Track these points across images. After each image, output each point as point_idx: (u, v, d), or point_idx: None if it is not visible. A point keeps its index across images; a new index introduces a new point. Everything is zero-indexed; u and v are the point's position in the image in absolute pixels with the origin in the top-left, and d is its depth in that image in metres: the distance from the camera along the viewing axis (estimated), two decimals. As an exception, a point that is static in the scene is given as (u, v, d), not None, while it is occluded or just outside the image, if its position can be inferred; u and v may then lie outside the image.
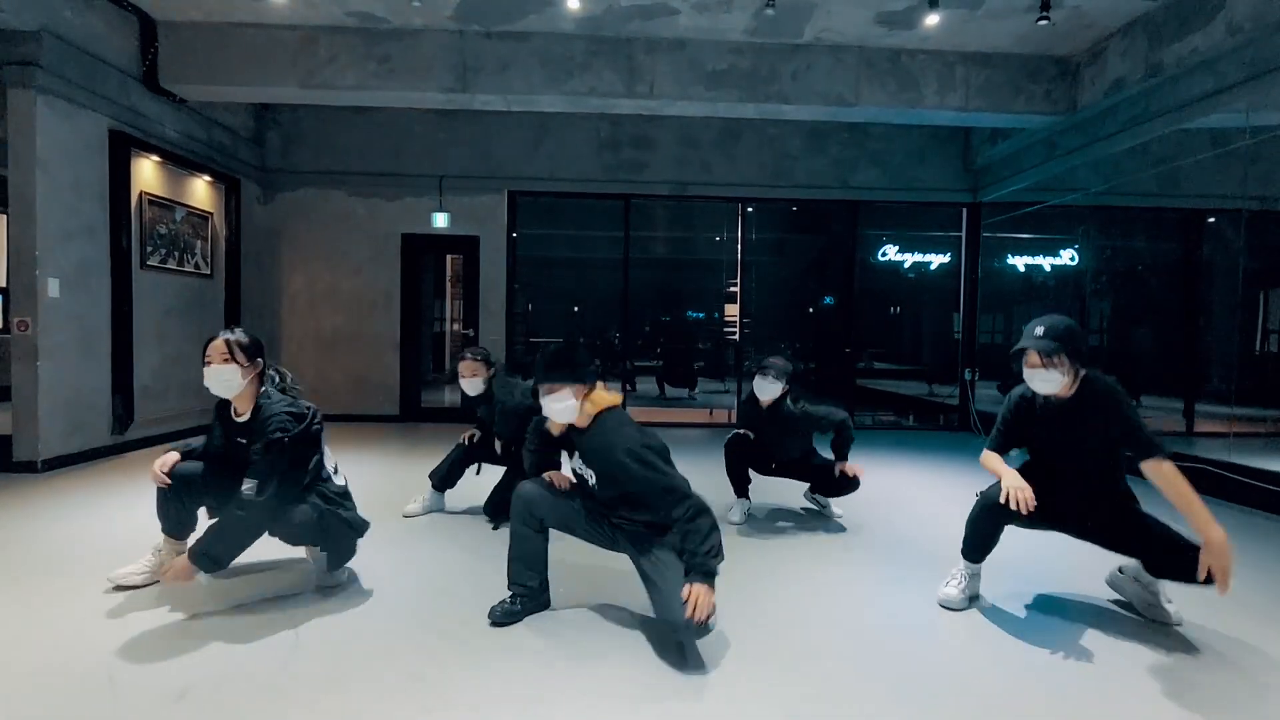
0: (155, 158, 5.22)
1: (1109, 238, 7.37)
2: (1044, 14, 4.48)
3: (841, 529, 3.44)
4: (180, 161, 5.51)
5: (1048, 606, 2.48)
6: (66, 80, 4.35)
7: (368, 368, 6.88)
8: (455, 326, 7.63)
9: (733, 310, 7.65)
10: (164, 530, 2.46)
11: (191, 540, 2.30)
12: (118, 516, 3.37)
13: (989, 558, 2.44)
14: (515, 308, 7.18)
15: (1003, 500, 2.19)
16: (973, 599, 2.46)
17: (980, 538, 2.39)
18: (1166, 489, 2.08)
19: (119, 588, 2.42)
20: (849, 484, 3.39)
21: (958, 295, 7.39)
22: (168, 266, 5.41)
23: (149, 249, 5.19)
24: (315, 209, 6.82)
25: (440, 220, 6.77)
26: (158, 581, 2.45)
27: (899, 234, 7.90)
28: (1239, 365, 7.65)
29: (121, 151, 4.81)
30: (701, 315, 12.05)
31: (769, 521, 3.52)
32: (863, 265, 7.45)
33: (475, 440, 3.53)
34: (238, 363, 2.24)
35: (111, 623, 2.17)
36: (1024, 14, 4.73)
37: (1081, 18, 4.75)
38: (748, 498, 3.55)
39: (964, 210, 7.27)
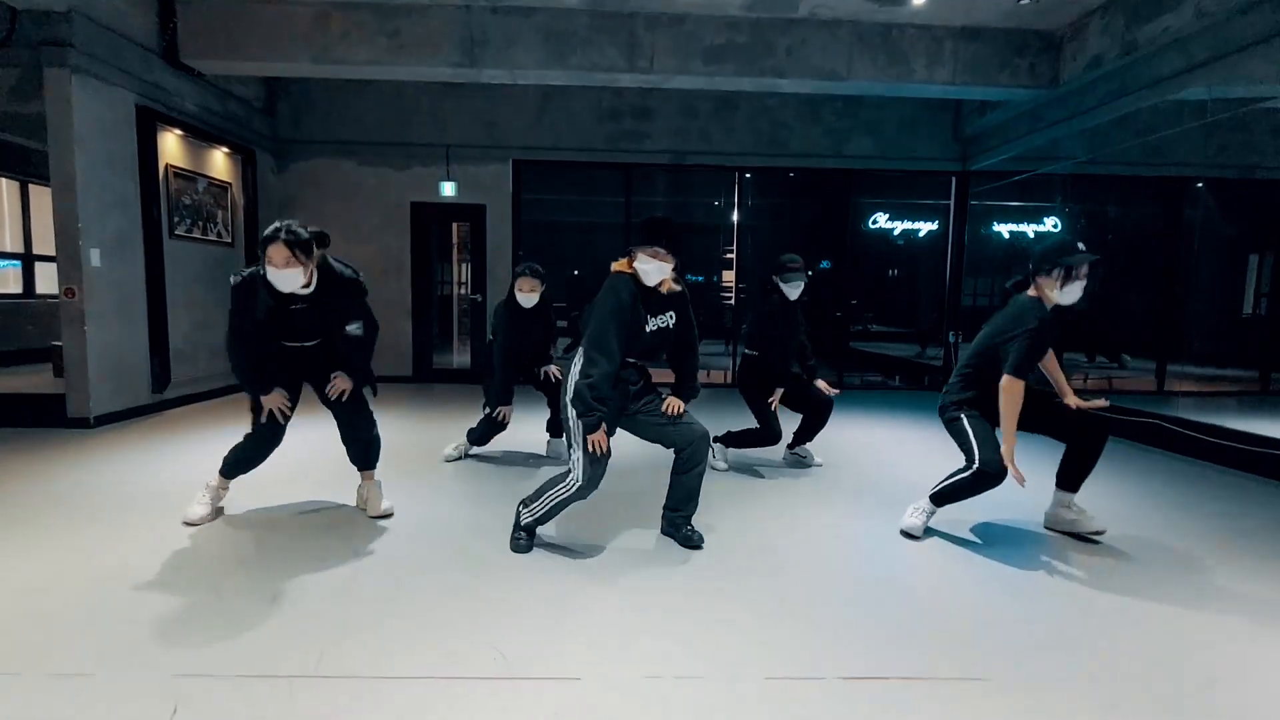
0: (178, 131, 5.47)
1: (1097, 205, 7.64)
2: (1027, -7, 4.70)
3: (820, 470, 3.90)
4: (200, 134, 5.75)
5: (988, 532, 2.91)
6: (96, 58, 4.59)
7: (382, 332, 7.19)
8: (462, 291, 7.95)
9: (729, 276, 7.96)
10: (226, 471, 2.87)
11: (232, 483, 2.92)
12: (165, 467, 3.79)
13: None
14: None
15: (1010, 476, 2.57)
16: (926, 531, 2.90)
17: (959, 499, 2.78)
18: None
19: (189, 523, 2.81)
20: (825, 407, 3.87)
21: (944, 254, 7.71)
22: (193, 236, 5.71)
23: (175, 219, 5.48)
24: (326, 178, 7.07)
25: (448, 189, 7.02)
26: (220, 514, 2.92)
27: (890, 202, 8.17)
28: (1223, 329, 8.04)
29: (148, 126, 5.07)
30: (701, 279, 12.39)
31: (752, 468, 3.94)
32: (856, 231, 7.74)
33: (506, 422, 3.91)
34: (300, 263, 2.54)
35: (197, 547, 2.58)
36: (1009, -8, 4.94)
37: (1064, -5, 4.97)
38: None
39: (953, 178, 7.53)
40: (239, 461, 2.86)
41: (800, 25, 5.51)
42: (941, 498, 2.80)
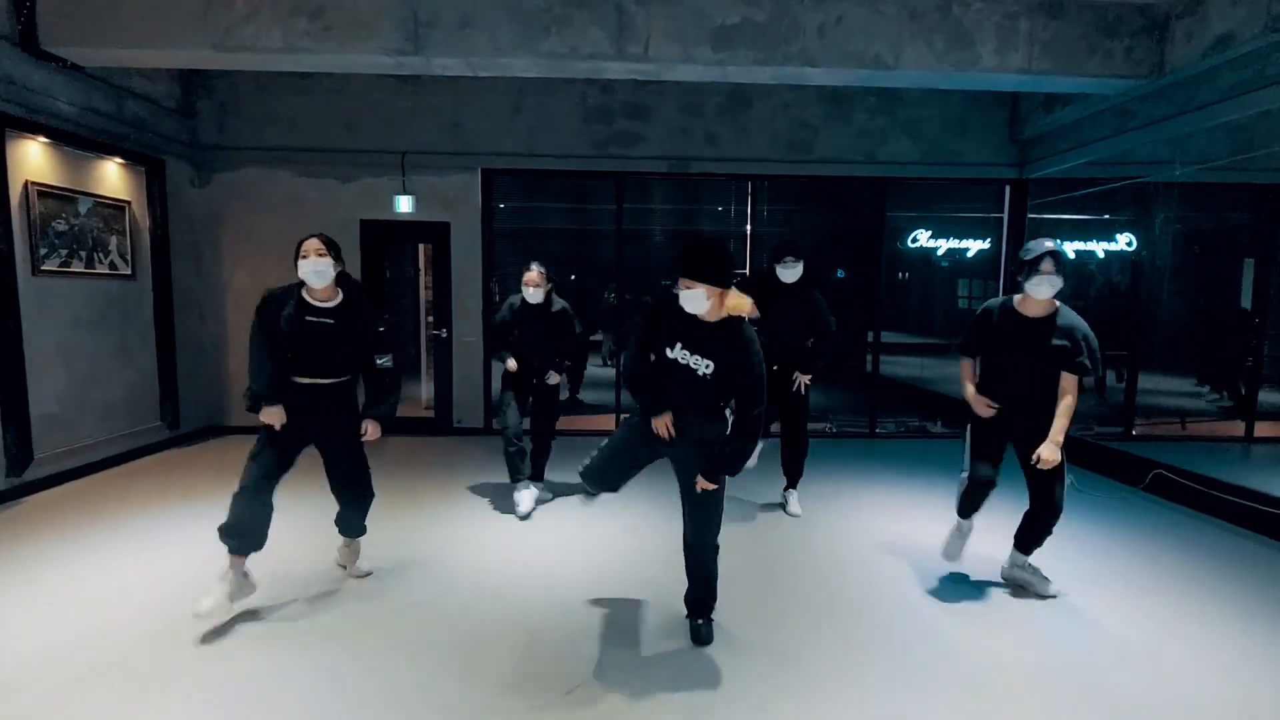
0: (43, 139, 4.30)
1: (1186, 218, 6.38)
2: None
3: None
4: (81, 142, 4.58)
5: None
6: (-99, 44, 3.43)
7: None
8: (430, 319, 6.78)
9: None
10: (231, 546, 2.62)
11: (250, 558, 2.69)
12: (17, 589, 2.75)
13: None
14: (492, 305, 6.32)
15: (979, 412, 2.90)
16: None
17: (968, 506, 2.95)
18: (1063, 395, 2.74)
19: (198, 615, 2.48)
20: (798, 410, 3.89)
21: (997, 279, 6.52)
22: (71, 270, 4.54)
23: (43, 251, 4.31)
24: (259, 192, 5.89)
25: (404, 204, 5.85)
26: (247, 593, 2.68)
27: (924, 215, 7.00)
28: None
29: (-8, 133, 3.91)
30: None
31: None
32: (873, 242, 6.54)
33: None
34: (332, 257, 2.64)
35: None
36: (1115, -50, 3.75)
37: (1187, -45, 3.78)
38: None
39: (1007, 187, 6.34)
40: (233, 529, 2.62)
41: (836, 0, 4.33)
42: (962, 508, 2.98)
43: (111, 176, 4.91)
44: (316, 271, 2.61)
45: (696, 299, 2.23)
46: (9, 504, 4.04)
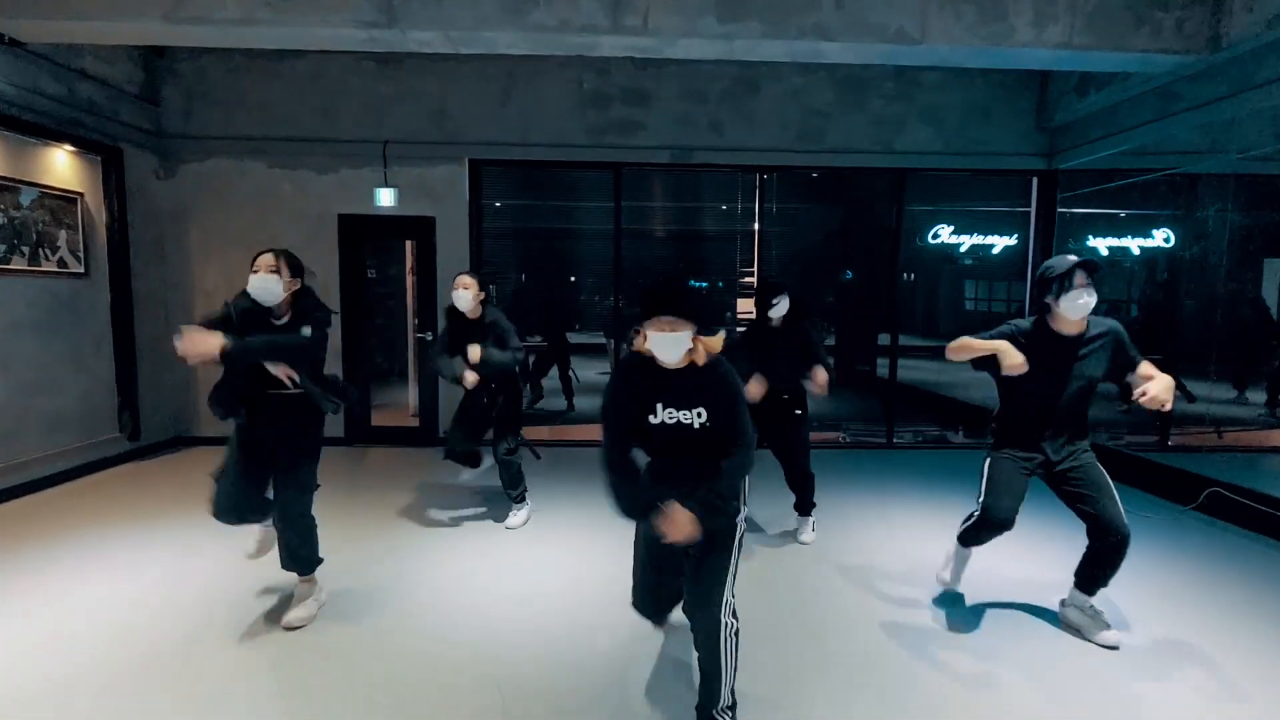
0: (-24, 122, 3.89)
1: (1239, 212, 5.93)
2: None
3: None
4: (23, 127, 4.16)
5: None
6: None
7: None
8: (415, 321, 6.35)
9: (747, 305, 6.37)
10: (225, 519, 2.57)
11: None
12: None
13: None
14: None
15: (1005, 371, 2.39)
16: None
17: (973, 540, 2.68)
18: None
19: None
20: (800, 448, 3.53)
21: (1023, 278, 6.09)
22: (11, 267, 4.12)
23: (-23, 246, 3.90)
24: (229, 184, 5.47)
25: (385, 198, 5.43)
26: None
27: (945, 209, 6.56)
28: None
29: (-88, 114, 3.49)
30: (705, 285, 11.32)
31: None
32: (889, 238, 6.11)
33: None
34: (279, 274, 2.47)
35: None
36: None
37: (1255, -91, 3.35)
38: None
39: (1034, 179, 5.90)
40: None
41: (855, -35, 3.90)
42: (964, 538, 2.73)
43: (60, 166, 4.50)
44: (263, 288, 2.47)
45: (680, 342, 1.83)
46: (-66, 527, 3.62)
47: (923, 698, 2.21)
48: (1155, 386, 2.27)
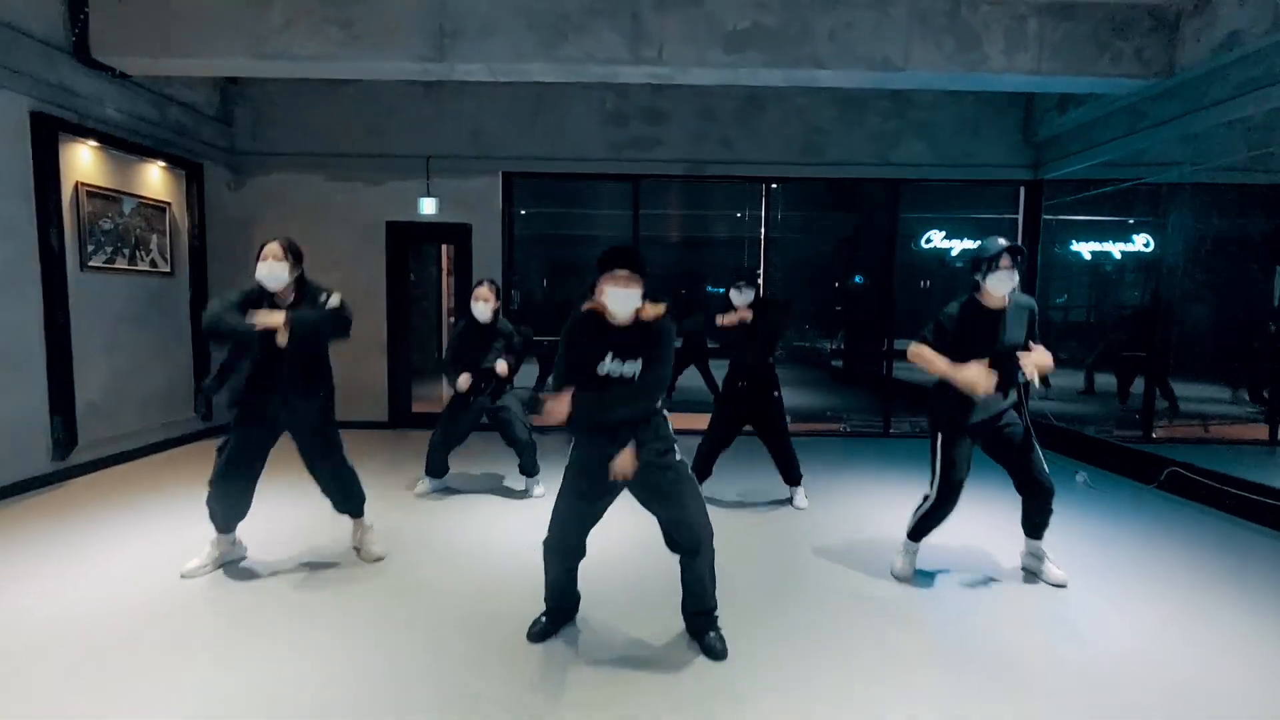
0: (93, 143, 4.57)
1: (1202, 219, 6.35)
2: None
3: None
4: (127, 146, 4.85)
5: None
6: (-32, 54, 3.70)
7: (351, 370, 6.24)
8: (451, 319, 6.97)
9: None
10: (221, 525, 2.90)
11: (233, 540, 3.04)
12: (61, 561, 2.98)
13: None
14: (511, 303, 6.49)
15: (977, 391, 2.69)
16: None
17: (931, 525, 2.99)
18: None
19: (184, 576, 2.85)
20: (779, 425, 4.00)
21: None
22: (116, 266, 4.80)
23: (90, 248, 4.57)
24: (290, 195, 6.15)
25: (428, 206, 6.07)
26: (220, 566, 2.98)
27: (938, 216, 7.02)
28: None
29: (47, 136, 4.17)
30: (721, 290, 11.72)
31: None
32: (894, 245, 6.60)
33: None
34: (290, 262, 2.73)
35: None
36: (1121, -49, 3.82)
37: (1193, -45, 3.84)
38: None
39: (1021, 188, 6.37)
40: (216, 513, 2.88)
41: (845, 3, 4.45)
42: (916, 532, 3.03)
43: (154, 179, 5.19)
44: (271, 274, 2.70)
45: (632, 297, 2.15)
46: (55, 485, 4.27)
47: (893, 654, 2.71)
48: (1034, 355, 2.71)
